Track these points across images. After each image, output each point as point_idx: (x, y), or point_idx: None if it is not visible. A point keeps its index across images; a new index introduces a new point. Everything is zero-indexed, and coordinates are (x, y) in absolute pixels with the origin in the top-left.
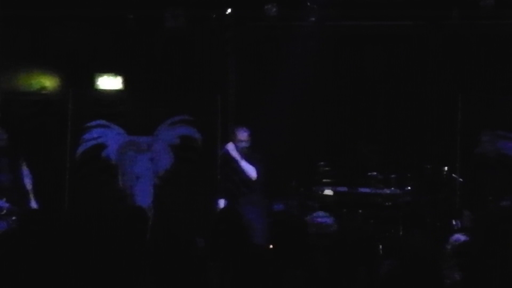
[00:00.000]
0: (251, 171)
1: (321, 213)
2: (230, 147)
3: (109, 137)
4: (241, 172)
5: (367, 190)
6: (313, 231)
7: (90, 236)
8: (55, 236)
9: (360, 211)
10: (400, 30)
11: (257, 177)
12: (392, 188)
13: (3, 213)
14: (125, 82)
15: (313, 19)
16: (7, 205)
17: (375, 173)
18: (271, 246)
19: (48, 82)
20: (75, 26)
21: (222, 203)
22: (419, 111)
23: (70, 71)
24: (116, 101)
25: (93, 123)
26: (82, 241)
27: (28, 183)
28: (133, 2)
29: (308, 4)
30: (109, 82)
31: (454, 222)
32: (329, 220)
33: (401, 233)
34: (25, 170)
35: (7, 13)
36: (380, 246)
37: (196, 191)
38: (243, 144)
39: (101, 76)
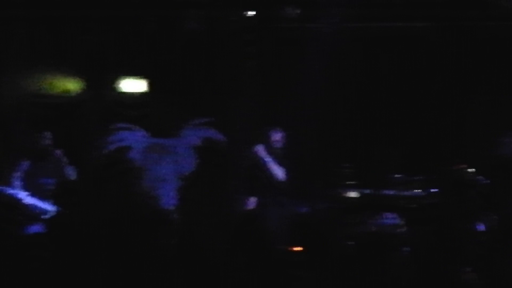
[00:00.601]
0: (279, 173)
1: (389, 214)
2: (260, 148)
3: (132, 139)
4: (270, 173)
5: (391, 192)
6: (381, 233)
7: (114, 238)
8: (79, 238)
9: (384, 213)
10: (420, 31)
11: (284, 179)
12: (416, 190)
13: (46, 215)
14: (148, 84)
15: (335, 20)
16: (50, 207)
17: (399, 175)
18: (296, 248)
19: (72, 85)
20: (99, 28)
21: (249, 203)
22: (442, 112)
23: (94, 74)
24: (139, 103)
25: (117, 125)
26: (106, 243)
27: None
28: (155, 3)
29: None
30: (133, 85)
31: (478, 224)
32: (397, 221)
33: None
34: (69, 169)
35: (31, 15)
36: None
37: (219, 193)
38: (276, 145)
39: (124, 78)
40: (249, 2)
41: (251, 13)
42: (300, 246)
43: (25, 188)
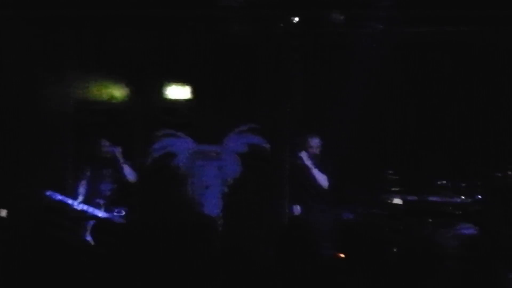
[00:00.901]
0: (323, 180)
1: (465, 224)
2: (304, 155)
3: (177, 146)
4: (313, 180)
5: (437, 198)
6: (456, 243)
7: (160, 245)
8: (125, 245)
9: (430, 220)
10: (467, 35)
11: (328, 185)
12: (462, 197)
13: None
14: (193, 91)
15: (381, 25)
16: (101, 213)
17: (444, 181)
18: (341, 255)
19: (117, 92)
20: (144, 35)
21: (295, 210)
22: (489, 117)
23: (139, 81)
24: (184, 110)
25: (162, 132)
26: (152, 250)
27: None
28: (200, 10)
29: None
30: (177, 91)
31: None
32: (473, 230)
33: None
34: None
35: (78, 20)
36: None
37: (264, 200)
38: (315, 152)
39: (169, 85)
40: (295, 7)
41: (297, 18)
42: (344, 252)
43: (78, 194)
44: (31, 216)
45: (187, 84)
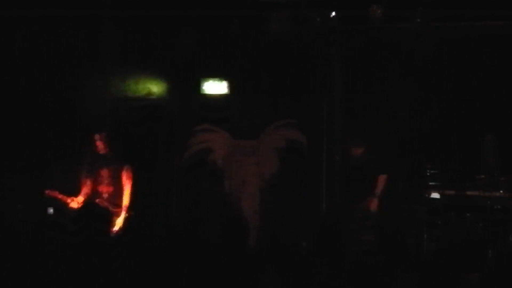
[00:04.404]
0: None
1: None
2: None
3: (215, 141)
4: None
5: (475, 193)
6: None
7: (196, 240)
8: (162, 239)
9: (468, 214)
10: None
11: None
12: (501, 191)
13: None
14: (231, 86)
15: (419, 20)
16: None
17: (483, 176)
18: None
19: (155, 88)
20: (181, 31)
21: (332, 204)
22: None
23: (176, 76)
24: (221, 105)
25: (199, 127)
26: (188, 245)
27: (125, 199)
28: (237, 5)
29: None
30: (215, 87)
31: None
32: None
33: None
34: (126, 182)
35: (116, 19)
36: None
37: (302, 194)
38: (355, 146)
39: (206, 80)
40: (334, 2)
41: (334, 13)
42: (381, 248)
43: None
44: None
45: (225, 80)
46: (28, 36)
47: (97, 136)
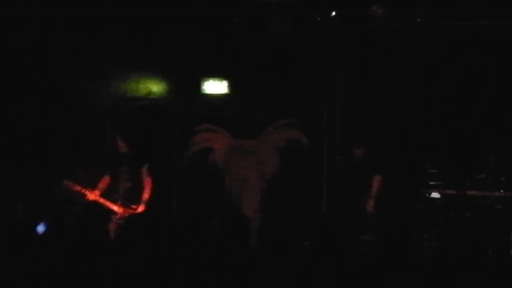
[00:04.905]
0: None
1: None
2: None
3: (215, 141)
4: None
5: (476, 192)
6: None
7: (197, 238)
8: (163, 238)
9: (468, 214)
10: (505, 28)
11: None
12: (502, 191)
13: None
14: (231, 86)
15: (419, 19)
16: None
17: (483, 175)
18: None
19: (156, 87)
20: (181, 31)
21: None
22: None
23: (177, 76)
24: (222, 105)
25: (200, 127)
26: (189, 243)
27: (145, 194)
28: (237, 5)
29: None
30: (215, 86)
31: None
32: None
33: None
34: (146, 179)
35: (116, 19)
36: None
37: (302, 194)
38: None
39: (207, 80)
40: (335, 2)
41: (334, 13)
42: (381, 248)
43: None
44: None
45: (225, 79)
46: (29, 36)
47: (119, 136)
